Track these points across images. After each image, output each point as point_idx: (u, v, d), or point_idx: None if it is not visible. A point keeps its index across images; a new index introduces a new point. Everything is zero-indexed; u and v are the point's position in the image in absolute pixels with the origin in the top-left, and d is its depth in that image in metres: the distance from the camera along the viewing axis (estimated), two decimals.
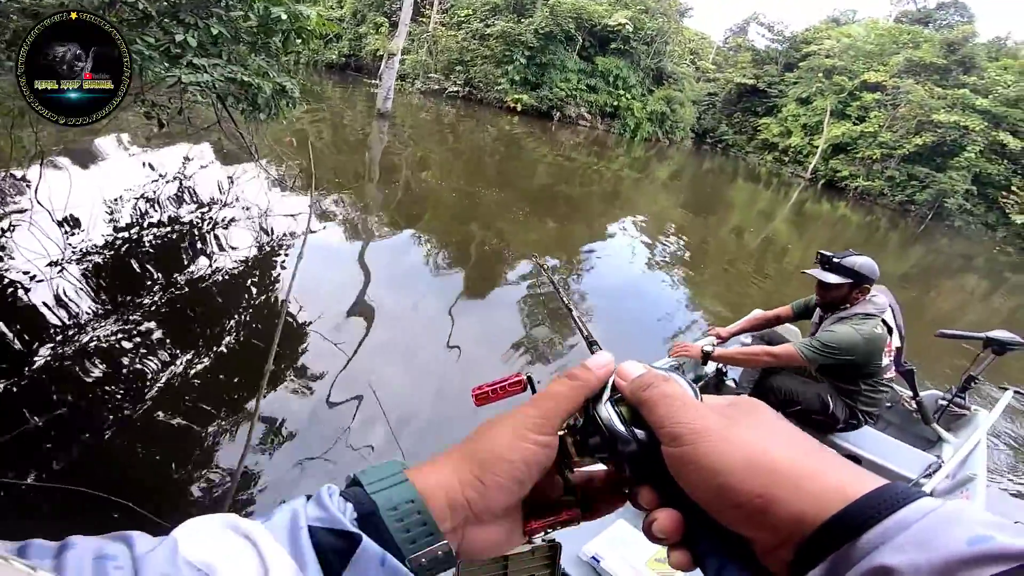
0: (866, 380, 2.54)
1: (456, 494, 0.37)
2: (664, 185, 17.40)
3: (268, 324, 3.76)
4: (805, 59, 30.80)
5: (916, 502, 0.26)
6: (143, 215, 4.88)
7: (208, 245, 4.71)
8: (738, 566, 0.32)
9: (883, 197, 25.35)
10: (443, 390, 3.57)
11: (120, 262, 4.05)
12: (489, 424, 0.41)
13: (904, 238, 19.25)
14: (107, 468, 2.38)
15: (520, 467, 0.38)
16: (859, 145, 26.62)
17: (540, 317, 4.99)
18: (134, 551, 0.29)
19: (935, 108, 24.21)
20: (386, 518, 0.35)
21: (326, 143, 10.74)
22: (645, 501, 0.37)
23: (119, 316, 3.38)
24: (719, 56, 39.36)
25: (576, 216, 9.80)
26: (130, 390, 2.84)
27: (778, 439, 0.33)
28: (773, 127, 31.44)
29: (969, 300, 12.24)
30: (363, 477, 0.38)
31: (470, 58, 24.84)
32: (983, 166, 23.41)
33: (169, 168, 6.21)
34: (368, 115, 14.81)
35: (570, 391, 0.39)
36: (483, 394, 0.47)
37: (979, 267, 17.49)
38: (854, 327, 2.40)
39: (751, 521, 0.31)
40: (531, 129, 21.27)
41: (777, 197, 22.21)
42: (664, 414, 0.35)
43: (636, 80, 26.95)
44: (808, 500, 0.29)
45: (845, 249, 2.59)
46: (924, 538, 0.24)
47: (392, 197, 8.16)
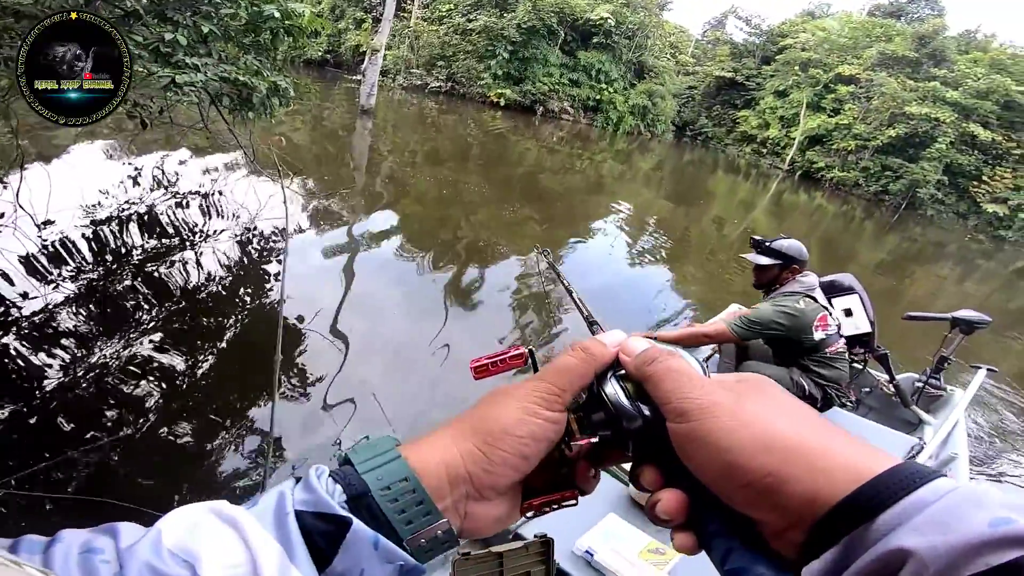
0: (810, 355, 2.65)
1: (458, 468, 0.36)
2: (646, 177, 17.62)
3: (263, 325, 3.79)
4: (782, 52, 31.28)
5: (933, 482, 0.25)
6: (128, 219, 4.80)
7: (198, 248, 4.69)
8: (746, 548, 0.31)
9: (858, 188, 25.96)
10: (436, 378, 3.62)
11: (110, 271, 3.98)
12: (495, 396, 0.39)
13: (879, 227, 19.73)
14: (118, 478, 2.39)
15: (528, 442, 0.36)
16: (834, 137, 27.19)
17: (528, 306, 5.07)
18: (119, 543, 0.29)
19: (907, 100, 24.85)
20: (378, 498, 0.34)
21: (309, 141, 10.67)
22: (648, 481, 0.36)
23: (114, 328, 3.34)
24: (698, 50, 39.73)
25: (560, 209, 9.91)
26: (131, 402, 2.83)
27: (788, 416, 0.31)
28: (751, 119, 31.91)
29: (943, 287, 12.65)
30: (354, 456, 0.36)
31: (452, 53, 24.77)
32: (954, 157, 24.07)
33: (152, 170, 6.13)
34: (350, 112, 14.71)
35: (582, 365, 0.38)
36: (482, 367, 0.45)
37: (952, 254, 18.08)
38: (774, 304, 2.60)
39: (760, 501, 0.29)
40: (515, 123, 21.34)
41: (756, 188, 22.66)
42: (670, 389, 0.34)
43: (618, 74, 27.16)
44: (821, 479, 0.28)
45: (777, 234, 2.80)
46: (943, 519, 0.23)
47: (379, 193, 8.17)
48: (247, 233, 5.12)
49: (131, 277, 3.93)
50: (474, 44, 24.39)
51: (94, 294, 3.61)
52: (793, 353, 2.68)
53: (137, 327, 3.37)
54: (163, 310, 3.63)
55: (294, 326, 3.83)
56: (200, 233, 4.94)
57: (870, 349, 3.03)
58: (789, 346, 2.64)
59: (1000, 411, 5.38)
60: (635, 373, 0.37)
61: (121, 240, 4.39)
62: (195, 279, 4.16)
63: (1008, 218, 23.41)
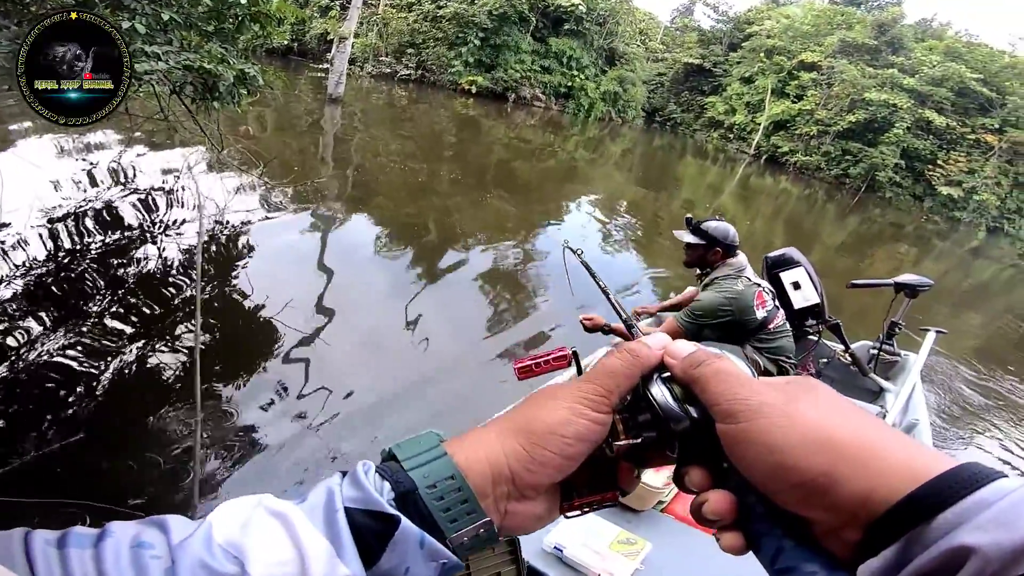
0: (756, 334, 2.66)
1: (501, 467, 0.36)
2: (617, 163, 17.82)
3: (226, 313, 3.76)
4: (748, 39, 31.82)
5: (995, 482, 0.26)
6: (83, 215, 4.65)
7: (159, 242, 4.56)
8: (796, 547, 0.31)
9: (820, 171, 26.71)
10: (409, 365, 3.61)
11: (60, 263, 3.85)
12: (542, 396, 0.40)
13: (840, 209, 20.37)
14: (69, 475, 2.33)
15: (572, 443, 0.36)
16: (797, 122, 27.92)
17: (504, 291, 5.12)
18: (170, 538, 0.30)
19: (866, 87, 25.65)
20: (425, 497, 0.34)
21: (276, 131, 10.43)
22: (695, 482, 0.36)
23: (60, 319, 3.24)
24: (667, 36, 39.99)
25: (533, 195, 9.97)
26: (79, 392, 2.76)
27: (840, 416, 0.31)
28: (719, 105, 32.40)
29: (902, 266, 13.20)
30: (399, 452, 0.37)
31: (422, 40, 24.37)
32: (910, 142, 24.99)
33: (109, 164, 5.95)
34: (318, 101, 14.44)
35: (629, 368, 0.38)
36: (526, 367, 0.45)
37: (909, 235, 18.84)
38: (715, 291, 2.62)
39: (812, 500, 0.30)
40: (486, 111, 21.26)
41: (724, 172, 23.11)
42: (720, 391, 0.34)
43: (589, 61, 27.22)
44: (877, 479, 0.28)
45: (712, 214, 2.83)
46: (1007, 518, 0.24)
47: (348, 182, 8.09)
48: (213, 226, 5.01)
49: (84, 273, 3.82)
50: (444, 31, 24.04)
51: (44, 290, 3.52)
52: (739, 336, 2.69)
53: (88, 323, 3.28)
54: (113, 304, 3.55)
55: (262, 318, 3.79)
56: (161, 227, 4.83)
57: (822, 320, 3.05)
58: (734, 330, 2.65)
59: (955, 382, 5.71)
60: (682, 376, 0.37)
61: (74, 237, 4.25)
62: (150, 273, 4.06)
63: (962, 200, 24.45)
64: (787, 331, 2.77)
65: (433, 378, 3.56)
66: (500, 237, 6.80)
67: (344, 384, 3.28)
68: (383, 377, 3.52)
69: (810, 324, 3.07)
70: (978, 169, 24.41)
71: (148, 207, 5.18)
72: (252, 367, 3.27)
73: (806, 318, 3.03)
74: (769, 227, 13.34)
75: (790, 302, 2.96)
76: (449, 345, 4.10)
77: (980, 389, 5.71)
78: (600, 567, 1.45)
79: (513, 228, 7.46)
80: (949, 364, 6.17)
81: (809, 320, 3.05)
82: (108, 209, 4.84)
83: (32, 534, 0.28)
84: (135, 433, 2.62)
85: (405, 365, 3.68)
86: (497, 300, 4.98)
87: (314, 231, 5.71)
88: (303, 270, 4.77)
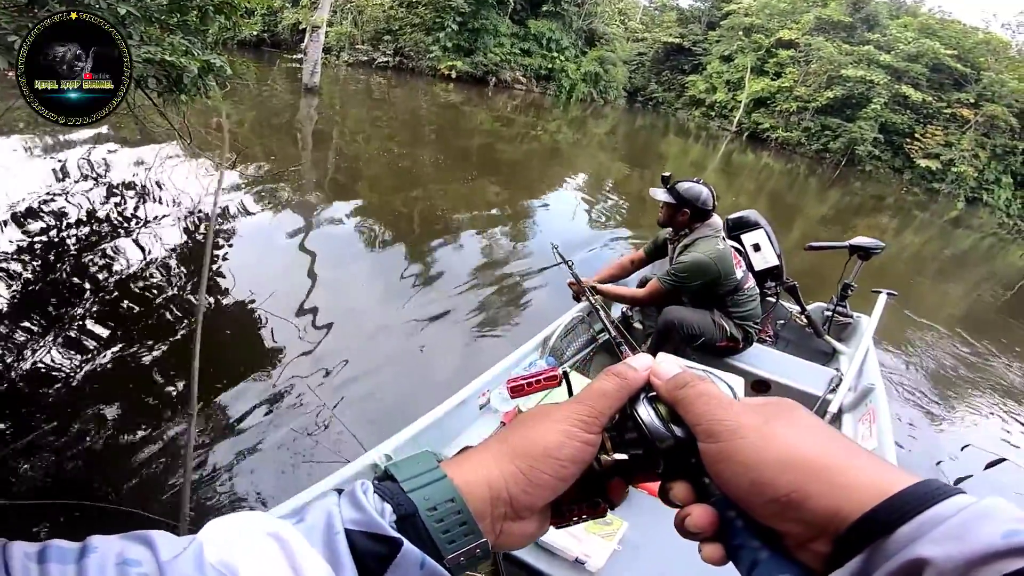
0: (732, 296, 2.71)
1: (499, 489, 0.37)
2: (600, 143, 17.74)
3: (211, 308, 3.71)
4: (726, 18, 31.72)
5: (951, 499, 0.27)
6: (55, 213, 4.53)
7: (133, 235, 4.45)
8: (772, 559, 0.33)
9: (801, 146, 26.92)
10: (399, 364, 3.56)
11: (36, 264, 3.78)
12: (534, 418, 0.40)
13: (821, 183, 20.56)
14: (62, 474, 2.30)
15: (567, 465, 0.38)
16: (777, 99, 28.05)
17: (491, 277, 5.07)
18: (158, 555, 0.28)
19: (843, 64, 25.88)
20: (426, 519, 0.34)
21: (251, 122, 10.22)
22: (678, 496, 0.38)
23: (42, 320, 3.19)
24: (646, 16, 39.79)
25: (518, 177, 9.92)
26: (68, 394, 2.72)
27: (812, 437, 0.33)
28: (699, 84, 32.40)
29: (882, 237, 13.29)
30: (397, 472, 0.37)
31: (399, 27, 23.93)
32: (888, 116, 25.26)
33: (77, 161, 5.79)
34: (293, 91, 14.15)
35: (617, 390, 0.40)
36: (518, 387, 0.47)
37: (890, 206, 19.06)
38: (699, 252, 2.62)
39: (785, 515, 0.31)
40: (467, 95, 21.00)
41: (706, 150, 23.17)
42: (702, 411, 0.36)
43: (569, 42, 26.98)
44: (843, 495, 0.30)
45: (689, 180, 2.82)
46: (959, 532, 0.25)
47: (328, 172, 7.96)
48: (187, 219, 4.92)
49: (61, 272, 3.74)
50: (421, 16, 23.66)
51: (24, 292, 3.45)
52: (713, 296, 2.71)
53: (68, 321, 3.23)
54: (94, 303, 3.47)
55: (251, 309, 3.74)
56: (136, 223, 4.70)
57: (780, 281, 3.12)
58: (710, 291, 2.68)
59: (935, 350, 5.76)
60: (667, 396, 0.39)
61: (49, 236, 4.15)
62: (130, 268, 3.97)
63: (941, 172, 24.80)
64: (756, 294, 2.83)
65: (429, 371, 3.53)
66: (486, 220, 6.74)
67: (338, 376, 3.23)
68: (377, 368, 3.47)
69: (769, 286, 3.11)
70: (955, 142, 24.74)
71: (122, 203, 5.05)
72: (240, 363, 3.22)
73: (765, 280, 3.07)
74: (752, 202, 13.38)
75: (751, 264, 3.00)
76: (440, 332, 4.06)
77: (960, 357, 5.80)
78: (577, 550, 1.44)
79: (499, 211, 7.42)
80: (932, 332, 6.25)
81: (768, 282, 3.09)
82: (81, 207, 4.70)
83: (10, 546, 0.27)
84: (121, 433, 2.56)
85: (400, 357, 3.64)
86: (486, 286, 4.92)
87: (292, 221, 5.59)
88: (284, 261, 4.69)
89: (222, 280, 4.05)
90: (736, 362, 2.83)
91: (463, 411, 1.97)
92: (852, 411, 2.53)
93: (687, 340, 2.71)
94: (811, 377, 2.82)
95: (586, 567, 1.43)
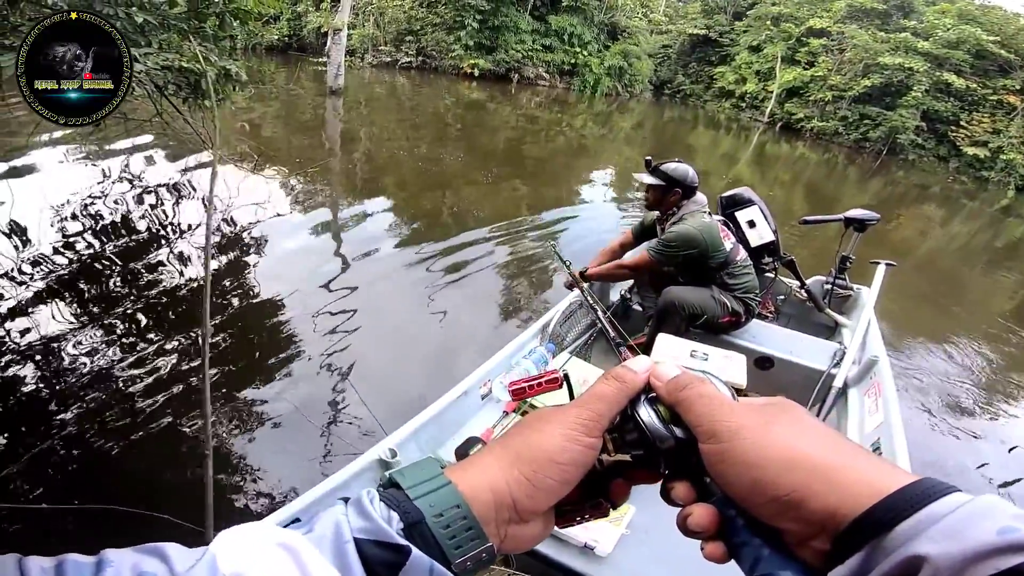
0: (724, 269, 2.72)
1: (503, 495, 0.37)
2: (627, 137, 17.44)
3: (238, 309, 3.69)
4: (752, 7, 30.89)
5: (947, 497, 0.28)
6: (95, 219, 4.63)
7: (167, 240, 4.52)
8: (773, 556, 0.33)
9: (838, 136, 25.92)
10: (425, 358, 3.53)
11: (80, 270, 3.84)
12: (536, 421, 0.41)
13: (862, 173, 19.77)
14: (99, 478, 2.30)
15: (570, 469, 0.38)
16: (811, 88, 27.05)
17: (518, 273, 5.02)
18: (172, 568, 0.29)
19: (879, 51, 24.83)
20: (432, 526, 0.35)
21: (277, 125, 10.34)
22: (680, 496, 0.38)
23: (87, 324, 3.22)
24: (669, 8, 39.11)
25: (544, 174, 9.82)
26: (104, 397, 2.72)
27: (812, 437, 0.34)
28: (728, 75, 31.52)
29: (929, 227, 12.64)
30: (402, 479, 0.37)
31: (420, 27, 23.98)
32: (930, 104, 24.13)
33: (113, 167, 5.90)
34: (318, 94, 14.26)
35: (617, 393, 0.40)
36: (519, 390, 0.48)
37: (935, 195, 18.16)
38: (686, 224, 2.65)
39: (786, 514, 0.32)
40: (491, 93, 20.92)
41: (738, 142, 22.53)
42: (702, 412, 0.36)
43: (591, 36, 26.60)
44: (842, 494, 0.30)
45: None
46: (956, 529, 0.26)
47: (351, 171, 7.95)
48: (218, 224, 4.99)
49: (104, 276, 3.81)
50: (441, 16, 23.61)
51: (52, 293, 3.48)
52: (706, 272, 2.72)
53: (86, 325, 3.24)
54: (123, 305, 3.50)
55: (278, 306, 3.76)
56: (172, 227, 4.78)
57: (778, 257, 3.13)
58: (702, 266, 2.70)
59: (982, 345, 5.29)
60: (668, 398, 0.39)
61: (89, 241, 4.24)
62: (159, 274, 3.99)
63: (989, 160, 23.57)
64: (750, 266, 2.85)
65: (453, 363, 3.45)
66: (510, 215, 6.73)
67: (357, 374, 3.19)
68: (399, 360, 3.46)
69: (766, 262, 3.16)
70: (1003, 129, 23.44)
71: (155, 207, 5.15)
72: (265, 365, 3.22)
73: (762, 256, 3.11)
74: (788, 193, 12.89)
75: (747, 240, 3.03)
76: (472, 328, 4.02)
77: (1010, 356, 5.40)
78: (586, 536, 1.44)
79: (523, 206, 7.36)
80: (979, 326, 5.87)
81: (765, 258, 3.13)
82: (114, 212, 4.79)
83: (26, 561, 0.27)
84: (142, 436, 2.54)
85: (423, 351, 3.60)
86: (515, 287, 4.87)
87: (316, 223, 5.58)
88: (310, 262, 4.68)
89: (246, 279, 4.08)
90: (738, 340, 2.82)
91: (465, 402, 1.97)
92: (857, 385, 2.49)
93: (689, 320, 2.70)
94: (814, 352, 2.80)
95: (595, 552, 1.43)
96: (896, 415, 2.05)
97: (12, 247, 3.85)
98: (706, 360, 2.18)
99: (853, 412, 2.34)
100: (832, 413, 2.41)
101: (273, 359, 3.26)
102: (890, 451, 1.87)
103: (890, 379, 2.32)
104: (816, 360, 2.71)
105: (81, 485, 2.24)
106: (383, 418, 2.74)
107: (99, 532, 2.03)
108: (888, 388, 2.24)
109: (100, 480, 2.30)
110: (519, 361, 2.22)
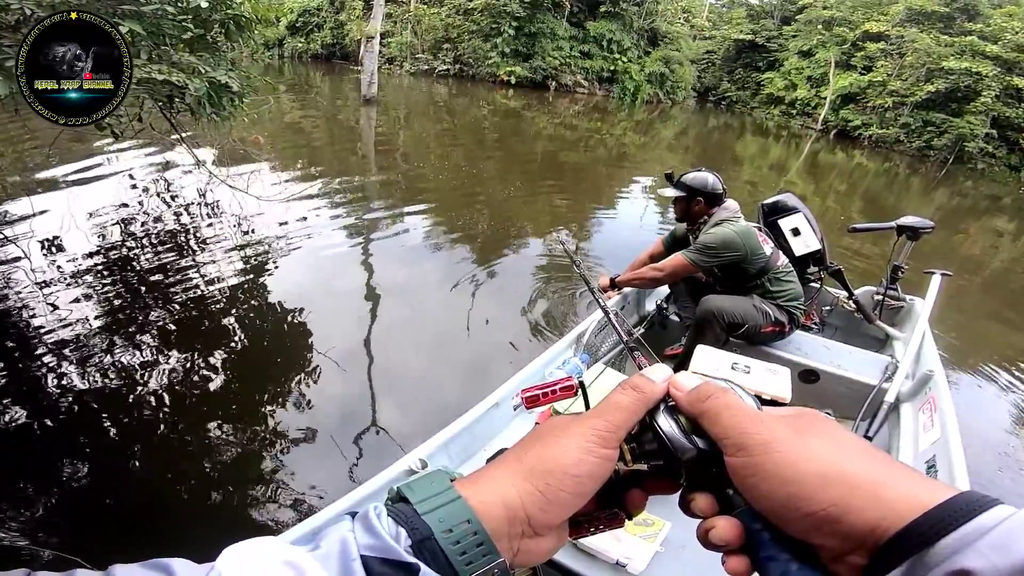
0: (765, 275, 2.61)
1: (516, 509, 0.36)
2: (670, 146, 16.75)
3: (270, 325, 3.58)
4: (802, 12, 29.69)
5: (992, 509, 0.27)
6: (126, 233, 4.61)
7: (195, 253, 4.42)
8: (802, 571, 0.32)
9: (900, 144, 24.39)
10: (461, 367, 3.40)
11: (111, 283, 3.79)
12: (551, 432, 0.39)
13: (926, 183, 18.43)
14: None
15: (585, 482, 0.37)
16: (869, 94, 25.63)
17: (552, 287, 4.75)
18: None
19: (943, 56, 23.29)
20: (442, 541, 0.33)
21: (310, 134, 10.24)
22: (701, 508, 0.37)
23: (119, 340, 3.16)
24: (712, 13, 38.12)
25: (583, 183, 9.46)
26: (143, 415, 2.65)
27: (847, 450, 0.32)
28: (777, 81, 30.29)
29: (999, 241, 11.47)
30: (410, 493, 0.36)
31: (456, 35, 24.06)
32: (1001, 110, 22.47)
33: (122, 183, 5.81)
34: (356, 102, 14.20)
35: (635, 403, 0.39)
36: (533, 397, 0.47)
37: (1007, 207, 16.67)
38: (723, 228, 2.57)
39: (821, 529, 0.31)
40: (528, 101, 20.61)
41: (788, 150, 21.39)
42: (729, 424, 0.35)
43: (631, 43, 26.08)
44: (883, 508, 0.29)
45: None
46: (1003, 543, 0.25)
47: (386, 183, 7.73)
48: (239, 235, 4.90)
49: (120, 290, 3.74)
50: (477, 23, 23.55)
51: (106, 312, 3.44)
52: (746, 279, 2.63)
53: (108, 347, 3.13)
54: (144, 319, 3.39)
55: (302, 317, 3.69)
56: (193, 242, 4.66)
57: (823, 266, 3.01)
58: (742, 272, 2.61)
59: None
60: (689, 409, 0.37)
61: (118, 254, 4.22)
62: (193, 287, 3.89)
63: None
64: (792, 272, 2.71)
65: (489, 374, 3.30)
66: (549, 225, 6.46)
67: (390, 382, 3.13)
68: (420, 362, 3.38)
69: (811, 271, 3.04)
70: None
71: (179, 221, 5.10)
72: (292, 367, 3.17)
73: (807, 265, 3.00)
74: (844, 203, 11.94)
75: (791, 249, 2.92)
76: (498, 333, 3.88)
77: None
78: (618, 552, 1.39)
79: (562, 216, 7.09)
80: None
81: (810, 267, 3.02)
82: (131, 226, 4.71)
83: None
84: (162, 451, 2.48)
85: (460, 361, 3.49)
86: (552, 295, 4.61)
87: (347, 228, 5.46)
88: (338, 275, 4.54)
89: (272, 296, 4.01)
90: (781, 351, 2.70)
91: (497, 413, 1.93)
92: (911, 400, 2.37)
93: (729, 329, 2.57)
94: (863, 365, 2.67)
95: (627, 569, 1.39)
96: (954, 431, 1.92)
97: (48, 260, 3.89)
98: (748, 373, 2.04)
99: (907, 428, 2.22)
100: (883, 429, 2.28)
101: (300, 368, 3.17)
102: (947, 468, 1.77)
103: (947, 394, 2.17)
104: (865, 374, 2.57)
105: (108, 498, 2.21)
106: (414, 430, 2.64)
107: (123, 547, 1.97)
108: (945, 403, 2.11)
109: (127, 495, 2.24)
110: (553, 372, 2.18)
